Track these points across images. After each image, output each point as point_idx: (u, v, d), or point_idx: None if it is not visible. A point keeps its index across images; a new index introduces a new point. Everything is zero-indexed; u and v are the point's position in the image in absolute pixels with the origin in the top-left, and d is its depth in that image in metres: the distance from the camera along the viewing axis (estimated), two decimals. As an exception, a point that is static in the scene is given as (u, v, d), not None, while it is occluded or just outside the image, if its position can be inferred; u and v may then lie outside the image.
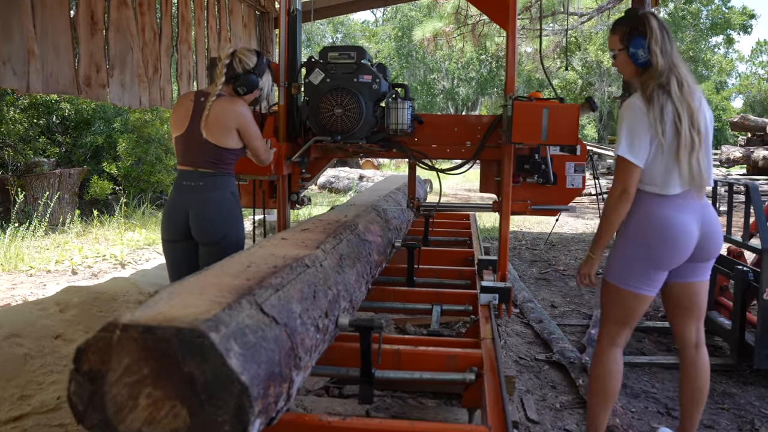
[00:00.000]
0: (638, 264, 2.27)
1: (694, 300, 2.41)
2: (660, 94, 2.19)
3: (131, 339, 1.24)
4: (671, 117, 2.17)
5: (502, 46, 20.67)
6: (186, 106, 2.72)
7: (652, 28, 2.23)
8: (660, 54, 2.22)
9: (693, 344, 2.44)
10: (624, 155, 2.21)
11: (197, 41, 6.00)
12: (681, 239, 2.23)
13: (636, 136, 2.20)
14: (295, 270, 1.84)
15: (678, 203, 2.24)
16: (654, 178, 2.24)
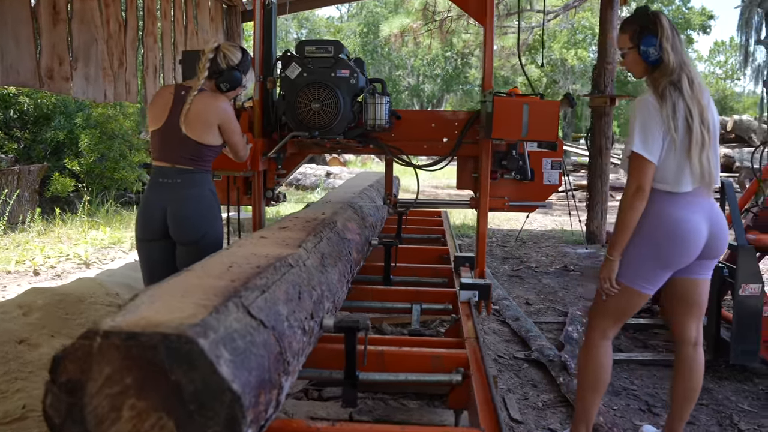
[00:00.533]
0: (647, 263, 2.26)
1: (697, 297, 2.40)
2: (672, 91, 2.18)
3: (113, 347, 1.16)
4: (683, 114, 2.18)
5: (469, 43, 20.85)
6: (165, 99, 2.63)
7: (663, 26, 2.23)
8: (671, 52, 2.22)
9: (692, 342, 2.43)
10: (639, 151, 2.18)
11: (164, 34, 5.84)
12: (691, 239, 2.22)
13: (649, 133, 2.18)
14: (279, 270, 1.77)
15: (689, 201, 2.23)
16: (666, 175, 2.23)
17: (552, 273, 6.18)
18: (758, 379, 3.38)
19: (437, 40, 15.52)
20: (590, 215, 7.77)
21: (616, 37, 7.43)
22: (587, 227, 7.81)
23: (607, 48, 7.28)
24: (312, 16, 38.95)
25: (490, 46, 3.70)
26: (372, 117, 3.27)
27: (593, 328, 2.43)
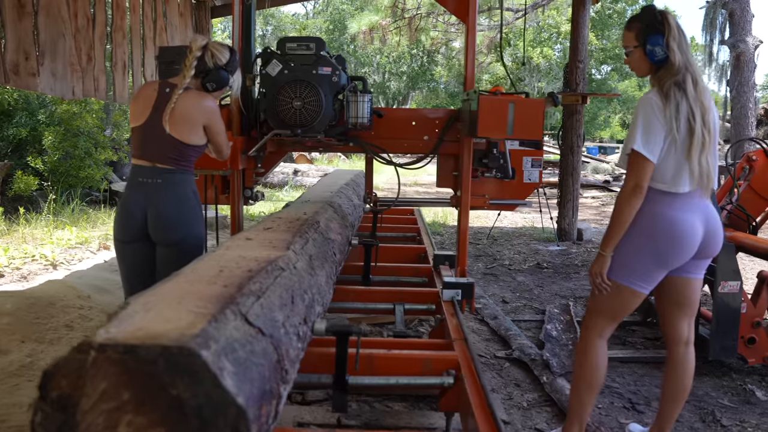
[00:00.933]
0: (643, 262, 2.26)
1: (690, 296, 2.42)
2: (676, 91, 2.18)
3: (109, 360, 1.09)
4: (686, 115, 2.17)
5: (437, 40, 20.90)
6: (148, 96, 2.53)
7: (670, 25, 2.22)
8: (678, 51, 2.21)
9: (684, 341, 2.44)
10: (639, 150, 2.17)
11: (132, 30, 5.68)
12: (688, 239, 2.23)
13: (651, 132, 2.18)
14: (271, 274, 1.71)
15: (686, 202, 2.23)
16: (664, 175, 2.23)
17: (526, 270, 6.22)
18: (736, 374, 3.43)
19: (406, 38, 15.52)
20: (561, 212, 7.85)
21: (586, 36, 7.54)
22: (558, 224, 7.89)
23: (578, 46, 7.35)
24: (278, 12, 38.54)
25: (472, 45, 3.70)
26: (354, 115, 3.23)
27: (590, 328, 2.42)
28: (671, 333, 2.45)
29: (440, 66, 34.20)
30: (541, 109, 3.28)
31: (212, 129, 2.59)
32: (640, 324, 4.22)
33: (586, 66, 7.45)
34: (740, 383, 3.34)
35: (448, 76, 34.33)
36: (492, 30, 16.36)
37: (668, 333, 2.47)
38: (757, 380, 3.39)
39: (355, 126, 3.25)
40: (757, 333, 3.40)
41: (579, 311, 4.55)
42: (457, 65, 32.56)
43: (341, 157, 20.59)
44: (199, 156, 2.63)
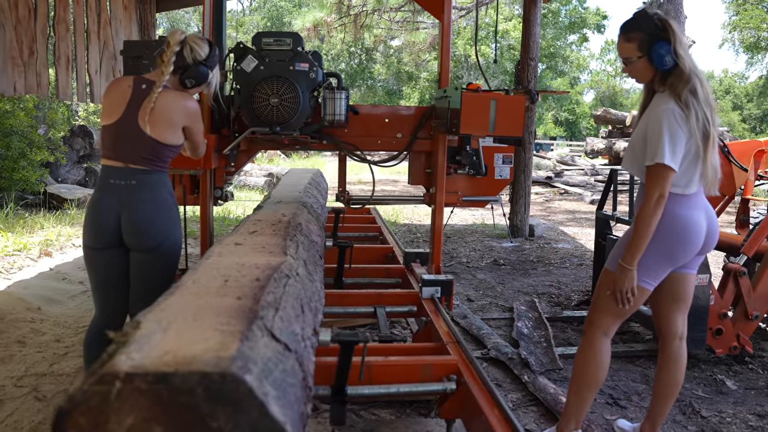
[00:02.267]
0: (655, 260, 2.25)
1: (687, 290, 2.43)
2: (693, 99, 2.17)
3: (137, 392, 0.95)
4: (702, 120, 2.18)
5: (381, 37, 20.86)
6: (122, 92, 2.35)
7: (674, 31, 2.20)
8: (685, 57, 2.19)
9: (678, 336, 2.45)
10: (669, 163, 2.14)
11: (76, 22, 5.36)
12: (695, 235, 2.26)
13: (677, 144, 2.16)
14: (280, 282, 1.59)
15: (693, 200, 2.26)
16: (679, 179, 2.23)
17: (484, 268, 6.23)
18: (704, 365, 3.51)
19: (351, 35, 15.39)
20: (513, 209, 7.93)
21: (538, 34, 7.63)
22: (510, 221, 7.97)
23: (530, 44, 7.43)
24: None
25: (447, 43, 3.66)
26: (331, 112, 3.14)
27: (595, 326, 2.40)
28: (666, 328, 2.46)
29: (379, 64, 34.24)
30: (522, 106, 3.26)
31: (192, 129, 2.47)
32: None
33: (537, 63, 7.54)
34: (710, 374, 3.41)
35: (386, 74, 34.43)
36: (435, 28, 16.40)
37: (662, 328, 2.47)
38: (724, 370, 3.47)
39: (332, 123, 3.15)
40: (723, 324, 3.49)
41: (544, 307, 4.58)
42: (396, 63, 32.74)
43: (281, 156, 20.31)
44: (174, 156, 2.47)
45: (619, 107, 35.36)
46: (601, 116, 17.70)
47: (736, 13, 28.09)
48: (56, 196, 8.09)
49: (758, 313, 3.54)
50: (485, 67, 29.84)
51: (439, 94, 3.65)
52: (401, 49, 28.36)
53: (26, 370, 2.89)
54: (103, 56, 5.94)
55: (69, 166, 9.58)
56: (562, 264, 6.38)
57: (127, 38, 6.52)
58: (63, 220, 7.18)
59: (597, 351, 2.38)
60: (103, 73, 5.95)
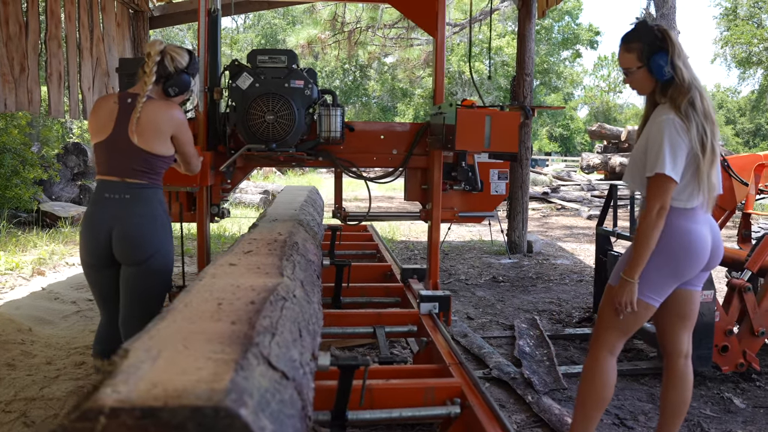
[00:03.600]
0: (660, 275, 2.22)
1: (692, 308, 2.39)
2: (692, 111, 2.16)
3: (124, 427, 0.88)
4: (701, 132, 2.15)
5: (375, 54, 20.96)
6: (108, 108, 2.39)
7: (673, 42, 2.18)
8: (684, 68, 2.18)
9: (684, 354, 2.39)
10: (669, 174, 2.12)
11: (68, 39, 5.31)
12: (701, 250, 2.22)
13: (678, 155, 2.14)
14: (276, 305, 1.52)
15: (697, 216, 2.23)
16: (681, 192, 2.20)
17: (483, 285, 6.15)
18: (711, 383, 3.43)
19: (344, 51, 15.44)
20: (511, 225, 7.88)
21: (532, 49, 7.63)
22: (508, 237, 7.90)
23: (525, 59, 7.43)
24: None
25: (441, 59, 3.66)
26: (326, 129, 3.12)
27: (601, 343, 2.34)
28: (671, 346, 2.40)
29: (373, 81, 34.39)
30: (517, 122, 3.25)
31: (180, 139, 2.47)
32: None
33: (533, 78, 7.53)
34: (717, 392, 3.33)
35: (381, 91, 34.56)
36: (429, 44, 16.48)
37: (668, 346, 2.42)
38: (732, 388, 3.40)
39: (327, 140, 3.13)
40: (729, 341, 3.42)
41: (545, 325, 4.50)
42: (390, 80, 32.88)
43: (276, 173, 20.28)
44: (167, 167, 2.48)
45: (613, 122, 35.55)
46: (596, 131, 17.73)
47: (727, 28, 28.34)
48: (50, 213, 8.00)
49: (764, 330, 3.48)
50: (479, 83, 29.98)
51: (434, 110, 3.63)
52: (395, 66, 28.51)
53: (15, 395, 2.80)
54: (96, 73, 5.90)
55: (63, 183, 9.50)
56: (562, 280, 6.31)
57: (120, 55, 6.48)
58: (56, 238, 7.09)
59: (603, 369, 2.32)
60: (96, 90, 5.90)
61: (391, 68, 31.71)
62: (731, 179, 4.35)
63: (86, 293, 4.78)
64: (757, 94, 33.50)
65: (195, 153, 2.59)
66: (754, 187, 4.33)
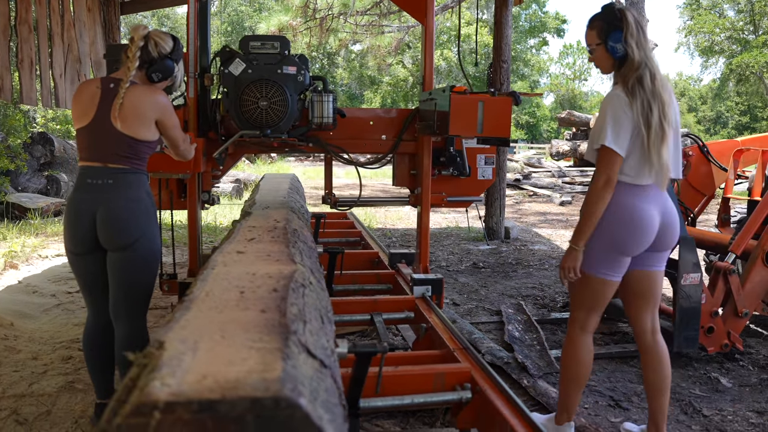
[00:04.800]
0: (606, 251, 2.32)
1: (651, 288, 2.47)
2: (638, 87, 2.24)
3: (180, 423, 0.84)
4: (646, 109, 2.22)
5: (345, 41, 20.79)
6: (91, 93, 2.35)
7: (628, 22, 2.27)
8: (636, 47, 2.26)
9: (649, 331, 2.48)
10: (610, 146, 2.22)
11: (39, 24, 5.13)
12: (644, 227, 2.29)
13: (620, 128, 2.23)
14: (298, 292, 1.49)
15: (646, 192, 2.30)
16: (629, 168, 2.28)
17: (465, 271, 6.18)
18: (698, 364, 3.51)
19: (316, 38, 15.26)
20: (489, 211, 7.92)
21: (509, 36, 7.65)
22: (486, 223, 7.95)
23: (502, 46, 7.44)
24: (173, 14, 37.06)
25: (430, 46, 3.67)
26: (319, 115, 3.09)
27: (572, 322, 2.48)
28: (637, 325, 2.50)
29: (341, 68, 34.16)
30: (509, 107, 3.27)
31: (165, 124, 2.43)
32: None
33: (509, 65, 7.55)
34: (703, 372, 3.41)
35: (348, 79, 34.35)
36: (401, 31, 16.42)
37: (634, 325, 2.52)
38: (717, 368, 3.47)
39: (320, 125, 3.10)
40: (715, 322, 3.49)
41: (531, 310, 4.54)
42: (358, 67, 32.70)
43: (245, 161, 20.08)
44: (151, 152, 2.46)
45: (579, 109, 35.98)
46: (565, 119, 17.92)
47: (690, 17, 28.88)
48: (17, 205, 7.76)
49: (747, 311, 3.56)
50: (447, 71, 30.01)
51: (423, 96, 3.63)
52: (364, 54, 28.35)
53: (3, 392, 2.70)
54: (67, 59, 5.71)
55: (29, 174, 9.23)
56: (542, 266, 6.38)
57: (91, 41, 6.29)
58: (27, 231, 6.89)
59: (576, 347, 2.43)
60: (67, 77, 5.72)
61: (359, 56, 31.55)
62: (710, 164, 4.44)
63: (65, 286, 4.66)
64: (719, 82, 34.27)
65: (183, 137, 2.55)
66: (733, 172, 4.43)
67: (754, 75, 26.89)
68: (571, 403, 2.47)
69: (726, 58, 28.55)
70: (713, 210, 8.95)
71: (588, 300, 2.40)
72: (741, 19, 27.68)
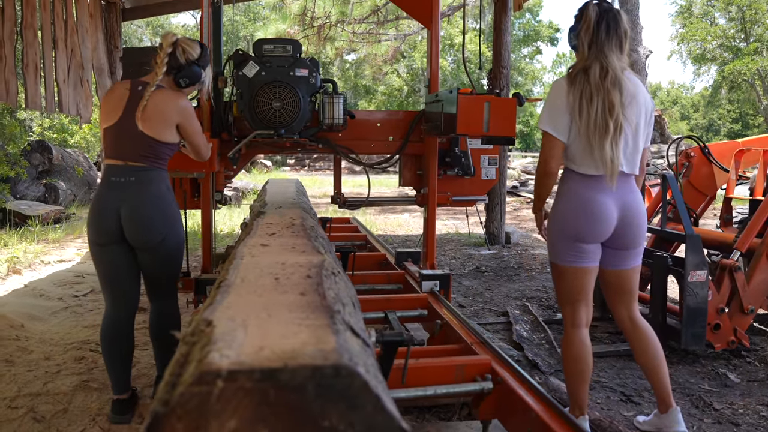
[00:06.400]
0: (564, 239, 2.40)
1: (623, 285, 2.54)
2: (582, 77, 2.30)
3: (242, 391, 0.85)
4: (586, 100, 2.28)
5: (342, 50, 20.90)
6: (119, 95, 2.45)
7: (586, 15, 2.35)
8: (586, 41, 2.33)
9: (627, 319, 2.56)
10: (544, 128, 2.36)
11: (44, 29, 5.14)
12: (597, 215, 2.34)
13: (556, 112, 2.33)
14: (331, 279, 1.51)
15: (599, 184, 2.34)
16: (574, 156, 2.36)
17: (468, 275, 6.21)
18: (705, 360, 3.54)
19: (314, 46, 15.32)
20: (489, 217, 7.95)
21: (509, 42, 7.71)
22: (487, 229, 7.98)
23: (501, 52, 7.50)
24: (167, 23, 37.18)
25: (436, 50, 3.74)
26: (329, 116, 3.16)
27: (563, 318, 2.54)
28: (615, 315, 2.62)
29: (336, 78, 34.29)
30: (514, 107, 3.32)
31: (187, 129, 2.53)
32: (599, 320, 4.28)
33: (509, 71, 7.61)
34: (711, 368, 3.44)
35: (343, 88, 34.48)
36: (397, 39, 16.52)
37: (614, 316, 2.63)
38: (724, 364, 3.50)
39: (330, 126, 3.17)
40: (721, 319, 3.53)
41: (537, 311, 4.57)
42: (353, 77, 32.83)
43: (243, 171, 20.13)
44: (172, 154, 2.55)
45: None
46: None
47: (683, 26, 29.15)
48: (17, 213, 7.75)
49: (753, 307, 3.59)
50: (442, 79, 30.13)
51: (430, 98, 3.68)
52: (360, 63, 28.47)
53: (19, 390, 2.71)
54: (70, 65, 5.73)
55: (28, 182, 9.21)
56: (544, 269, 6.41)
57: (93, 47, 6.31)
58: (28, 237, 6.88)
59: (570, 343, 2.48)
60: (70, 82, 5.73)
61: (354, 66, 31.68)
62: (711, 165, 4.49)
63: (71, 290, 4.66)
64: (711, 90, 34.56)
65: (203, 141, 2.65)
66: (734, 173, 4.47)
67: (746, 82, 27.14)
68: (580, 398, 2.49)
69: (718, 66, 28.82)
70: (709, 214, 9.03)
71: (565, 292, 2.47)
72: (732, 26, 27.97)
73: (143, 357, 3.20)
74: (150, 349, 3.26)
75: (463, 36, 3.92)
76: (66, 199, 9.90)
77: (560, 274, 2.46)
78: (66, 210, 9.28)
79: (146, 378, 2.96)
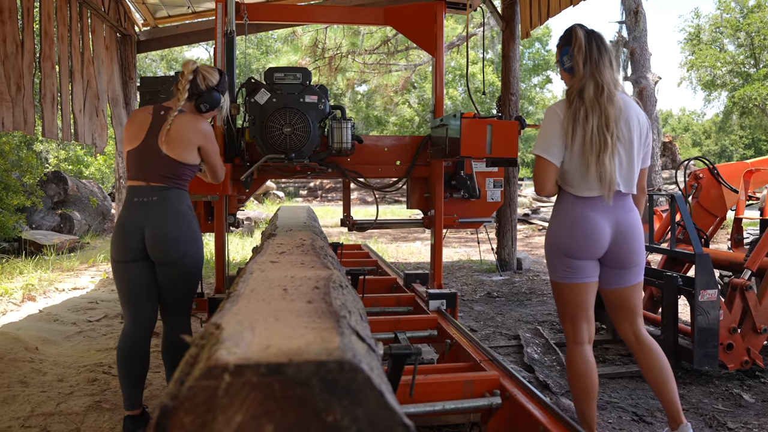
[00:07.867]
0: (558, 256, 2.42)
1: (623, 303, 2.55)
2: (577, 98, 2.32)
3: (248, 385, 0.88)
4: (581, 120, 2.30)
5: (353, 80, 21.19)
6: (142, 119, 2.57)
7: (577, 37, 2.38)
8: (581, 61, 2.35)
9: (632, 337, 2.56)
10: (537, 152, 2.38)
11: (61, 60, 5.29)
12: (588, 232, 2.35)
13: (549, 136, 2.34)
14: (338, 290, 1.54)
15: (594, 203, 2.36)
16: (571, 179, 2.37)
17: (480, 300, 6.20)
18: (718, 381, 3.50)
19: (325, 77, 15.56)
20: (500, 243, 7.95)
21: (517, 69, 7.81)
22: (498, 255, 7.97)
23: (510, 80, 7.59)
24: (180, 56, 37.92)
25: (440, 76, 3.83)
26: (338, 141, 3.24)
27: (565, 335, 2.54)
28: (620, 333, 2.61)
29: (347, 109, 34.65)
30: (515, 130, 3.37)
31: (207, 150, 2.63)
32: (611, 342, 4.25)
33: (518, 98, 7.69)
34: (725, 388, 3.40)
35: (355, 119, 34.81)
36: (408, 70, 16.72)
37: (619, 334, 2.62)
38: (738, 384, 3.47)
39: (339, 151, 3.25)
40: (734, 339, 3.50)
41: (548, 334, 4.55)
42: (364, 108, 33.18)
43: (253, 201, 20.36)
44: (193, 175, 2.64)
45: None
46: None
47: (692, 52, 29.27)
48: (32, 242, 7.86)
49: (766, 327, 3.56)
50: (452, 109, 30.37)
51: (435, 123, 3.75)
52: (371, 94, 28.78)
53: (32, 410, 2.73)
54: (86, 95, 5.87)
55: (43, 212, 9.35)
56: (555, 293, 6.37)
57: (108, 78, 6.47)
58: (43, 266, 6.96)
59: (573, 360, 2.47)
60: (86, 113, 5.87)
61: (365, 97, 32.03)
62: (721, 186, 4.49)
63: (85, 315, 4.70)
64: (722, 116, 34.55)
65: (220, 163, 2.75)
66: (743, 193, 4.47)
67: (757, 108, 27.09)
68: (588, 417, 2.47)
69: (728, 92, 28.83)
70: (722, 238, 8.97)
71: (564, 309, 2.48)
72: (741, 53, 28.04)
73: (155, 379, 3.22)
74: (162, 371, 3.29)
75: (467, 62, 4.00)
76: (80, 229, 10.02)
77: (558, 291, 2.49)
78: (80, 239, 9.39)
79: (157, 399, 2.98)
